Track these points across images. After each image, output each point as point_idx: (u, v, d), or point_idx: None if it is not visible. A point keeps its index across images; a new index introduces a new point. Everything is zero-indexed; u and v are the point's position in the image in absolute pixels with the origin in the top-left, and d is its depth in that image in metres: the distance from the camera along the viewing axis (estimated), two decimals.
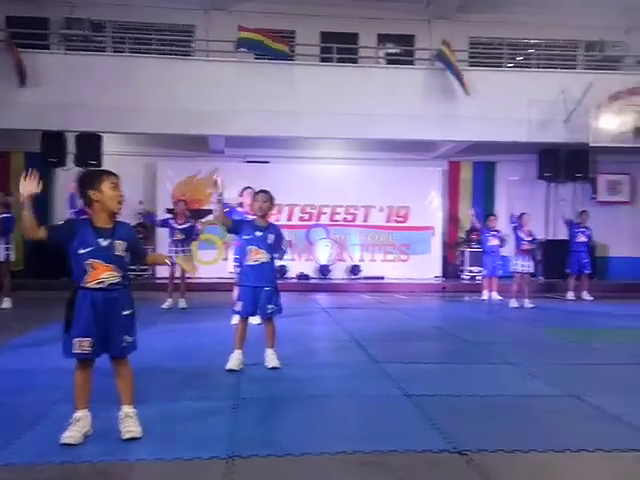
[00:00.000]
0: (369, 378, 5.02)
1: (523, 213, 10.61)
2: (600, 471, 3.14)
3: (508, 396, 4.46)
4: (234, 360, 5.11)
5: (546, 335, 7.41)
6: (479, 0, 13.23)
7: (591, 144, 11.84)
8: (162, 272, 11.27)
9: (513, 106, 12.02)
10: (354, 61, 13.34)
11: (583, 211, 11.98)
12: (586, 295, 11.38)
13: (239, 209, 7.58)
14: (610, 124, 11.76)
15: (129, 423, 3.42)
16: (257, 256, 5.20)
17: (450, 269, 13.70)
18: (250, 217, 5.95)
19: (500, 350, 6.32)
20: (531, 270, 10.51)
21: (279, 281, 5.66)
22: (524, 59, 14.35)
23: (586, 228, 11.61)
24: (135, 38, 12.90)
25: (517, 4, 13.25)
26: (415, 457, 3.23)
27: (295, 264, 13.04)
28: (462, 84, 11.82)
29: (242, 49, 12.08)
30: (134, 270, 11.70)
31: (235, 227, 5.33)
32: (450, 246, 13.82)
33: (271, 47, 11.79)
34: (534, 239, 10.55)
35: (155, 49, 12.86)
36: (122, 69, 11.47)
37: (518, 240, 10.33)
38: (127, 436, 3.36)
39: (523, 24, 13.65)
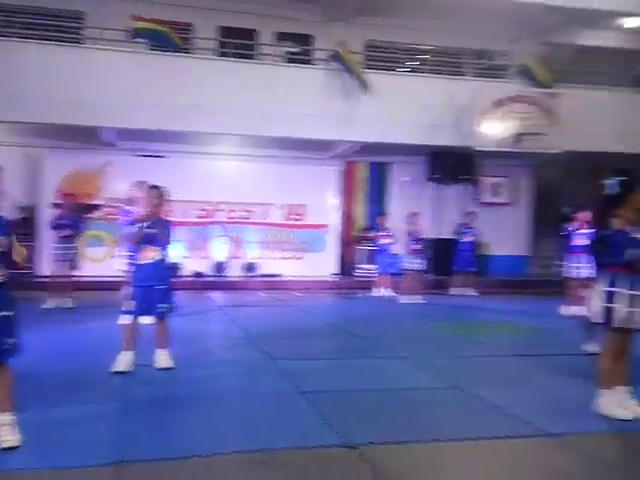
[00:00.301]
0: (264, 376, 5.02)
1: (414, 212, 11.04)
2: (481, 458, 3.33)
3: (397, 389, 4.62)
4: (122, 361, 4.94)
5: (435, 330, 7.74)
6: (375, 4, 13.53)
7: (476, 148, 12.47)
8: (44, 270, 10.64)
9: (407, 109, 12.41)
10: (252, 58, 13.25)
11: (470, 212, 12.63)
12: (471, 291, 11.99)
13: (127, 207, 7.31)
14: (493, 130, 12.41)
15: (5, 432, 3.22)
16: (149, 254, 5.06)
17: (345, 267, 13.96)
18: (138, 212, 5.71)
19: (391, 345, 6.53)
20: (422, 267, 10.95)
21: (173, 279, 5.53)
22: (418, 64, 14.85)
23: (472, 228, 12.28)
24: (22, 22, 12.10)
25: (410, 10, 13.64)
26: (307, 453, 3.28)
27: (190, 262, 12.78)
28: (363, 85, 12.08)
29: (138, 39, 11.66)
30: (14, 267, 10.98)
31: (143, 237, 5.10)
32: (345, 244, 14.08)
33: (171, 37, 11.49)
34: (424, 237, 11.05)
35: (42, 35, 12.11)
36: None
37: (409, 239, 10.73)
38: (3, 445, 3.17)
39: (416, 30, 14.10)
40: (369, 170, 14.34)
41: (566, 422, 3.78)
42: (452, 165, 13.82)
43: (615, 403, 3.88)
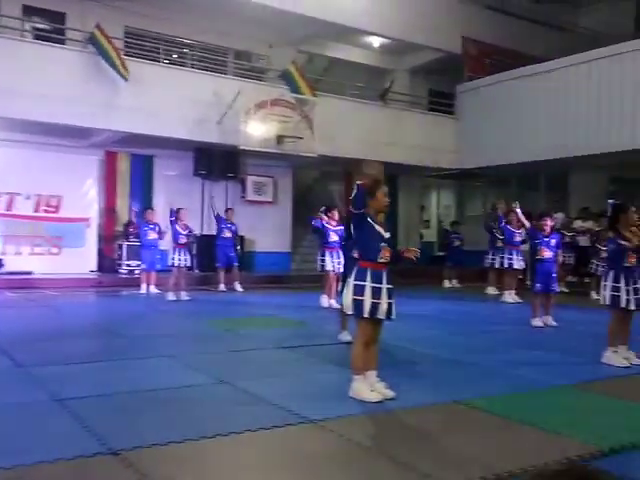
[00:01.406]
0: (13, 386, 4.55)
1: (180, 208, 10.89)
2: (247, 450, 3.41)
3: (164, 389, 4.51)
4: None
5: (202, 326, 7.73)
6: None
7: (241, 147, 12.73)
8: None
9: (172, 102, 12.19)
10: None
11: (229, 209, 12.82)
12: (237, 286, 12.20)
13: None
14: (257, 130, 12.79)
15: None
16: None
17: (107, 263, 13.22)
18: None
19: (157, 344, 6.36)
20: (188, 264, 10.85)
21: None
22: (180, 57, 14.63)
23: (232, 224, 12.45)
24: None
25: (169, 1, 13.40)
26: (66, 465, 3.04)
27: None
28: (119, 71, 11.50)
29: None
30: None
31: None
32: (107, 239, 13.34)
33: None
34: (190, 232, 10.95)
35: None
36: None
37: (175, 234, 10.56)
38: None
39: (179, 23, 13.92)
40: (131, 162, 13.72)
41: (326, 408, 4.04)
42: (218, 162, 13.94)
43: (366, 387, 4.26)
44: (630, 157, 13.51)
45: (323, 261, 9.23)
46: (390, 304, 4.28)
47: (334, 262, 9.03)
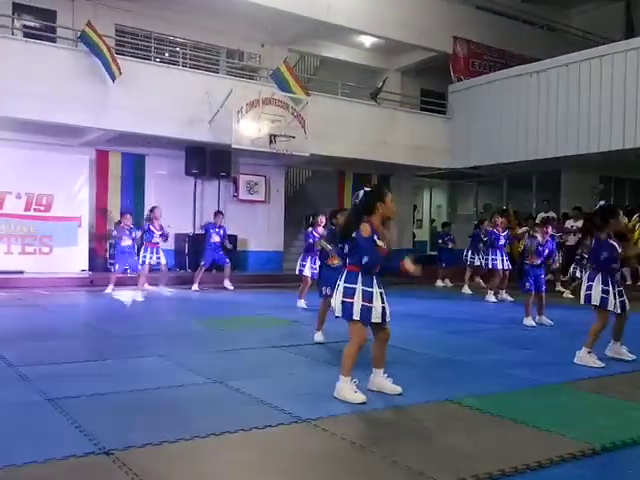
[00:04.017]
0: (2, 384, 4.53)
1: (154, 207, 10.85)
2: (241, 450, 3.40)
3: (156, 389, 4.50)
4: None
5: (195, 325, 7.71)
6: None
7: (233, 146, 12.70)
8: None
9: (163, 101, 12.15)
10: None
11: (218, 212, 12.69)
12: (228, 284, 12.13)
13: None
14: (249, 129, 12.74)
15: None
16: None
17: (98, 262, 13.15)
18: None
19: (150, 343, 6.35)
20: (162, 262, 10.90)
21: None
22: (172, 56, 14.58)
23: (220, 227, 12.31)
24: None
25: (161, 1, 13.38)
26: (58, 465, 3.03)
27: None
28: (111, 70, 11.45)
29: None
30: None
31: None
32: (98, 238, 13.27)
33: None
34: (164, 233, 10.99)
35: None
36: None
37: (149, 234, 10.55)
38: None
39: (168, 21, 13.89)
40: (122, 161, 13.66)
41: (319, 407, 4.05)
42: (210, 161, 13.91)
43: (350, 388, 4.23)
44: (620, 157, 13.62)
45: (303, 266, 9.29)
46: (384, 307, 4.30)
47: (312, 267, 9.08)
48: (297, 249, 16.11)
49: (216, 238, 12.16)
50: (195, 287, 11.76)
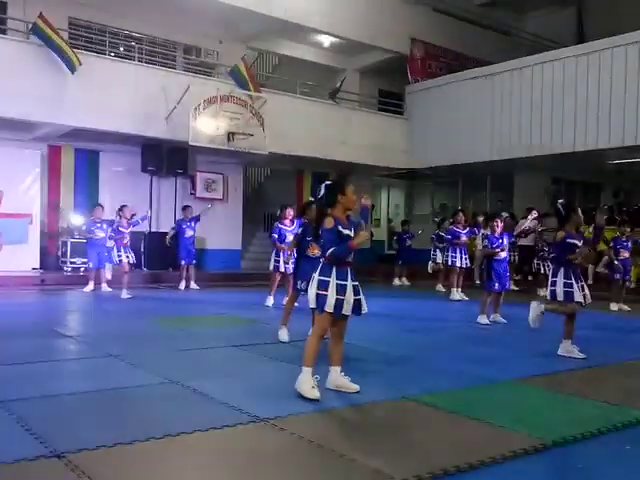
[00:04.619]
0: None
1: (124, 205, 10.70)
2: (197, 451, 3.35)
3: (111, 389, 4.41)
4: None
5: (152, 324, 7.59)
6: None
7: (190, 143, 12.53)
8: None
9: (118, 96, 11.91)
10: None
11: (187, 206, 12.58)
12: (193, 284, 12.08)
13: None
14: (206, 126, 12.58)
15: None
16: None
17: (50, 260, 12.81)
18: None
19: (103, 343, 6.20)
20: (133, 260, 10.70)
21: None
22: (128, 50, 14.32)
23: (190, 220, 12.21)
24: None
25: None
26: (7, 469, 2.94)
27: None
28: (70, 62, 11.18)
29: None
30: None
31: None
32: (50, 236, 12.92)
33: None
34: (134, 223, 10.84)
35: None
36: None
37: (118, 232, 10.39)
38: None
39: (123, 15, 13.63)
40: (75, 157, 13.33)
41: (278, 406, 4.03)
42: (166, 158, 13.72)
43: (310, 382, 4.24)
44: (571, 159, 14.00)
45: (277, 261, 9.14)
46: (358, 300, 4.36)
47: (286, 262, 8.97)
48: (255, 247, 16.08)
49: (189, 232, 12.05)
50: (182, 286, 11.83)
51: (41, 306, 9.74)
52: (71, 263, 12.60)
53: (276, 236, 9.07)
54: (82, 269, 11.97)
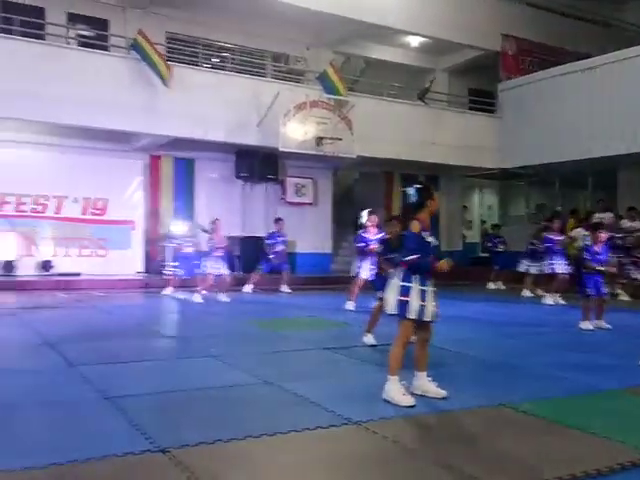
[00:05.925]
0: (65, 384, 4.67)
1: (216, 219, 10.78)
2: (293, 451, 3.41)
3: (209, 388, 4.57)
4: None
5: (247, 327, 7.80)
6: None
7: (280, 149, 12.78)
8: None
9: (213, 106, 12.35)
10: (41, 37, 12.11)
11: (279, 219, 12.77)
12: (285, 288, 12.26)
13: None
14: (296, 132, 12.80)
15: None
16: None
17: (153, 265, 13.43)
18: None
19: (202, 344, 6.44)
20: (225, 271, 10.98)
21: None
22: (220, 61, 14.80)
23: (282, 235, 12.48)
24: None
25: (209, 7, 13.59)
26: (115, 462, 3.10)
27: None
28: (162, 76, 11.73)
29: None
30: None
31: None
32: (152, 241, 13.56)
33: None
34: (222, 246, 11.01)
35: None
36: None
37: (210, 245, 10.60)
38: None
39: (215, 27, 14.11)
40: (175, 165, 13.94)
41: (370, 409, 4.03)
42: (258, 164, 14.04)
43: (399, 389, 4.21)
44: None
45: (359, 267, 9.01)
46: (434, 307, 4.32)
47: (370, 269, 8.83)
48: (345, 251, 16.12)
49: (281, 247, 12.29)
50: (248, 288, 11.88)
51: (145, 308, 10.24)
52: (171, 268, 13.06)
53: (362, 244, 8.90)
54: (169, 273, 12.00)
